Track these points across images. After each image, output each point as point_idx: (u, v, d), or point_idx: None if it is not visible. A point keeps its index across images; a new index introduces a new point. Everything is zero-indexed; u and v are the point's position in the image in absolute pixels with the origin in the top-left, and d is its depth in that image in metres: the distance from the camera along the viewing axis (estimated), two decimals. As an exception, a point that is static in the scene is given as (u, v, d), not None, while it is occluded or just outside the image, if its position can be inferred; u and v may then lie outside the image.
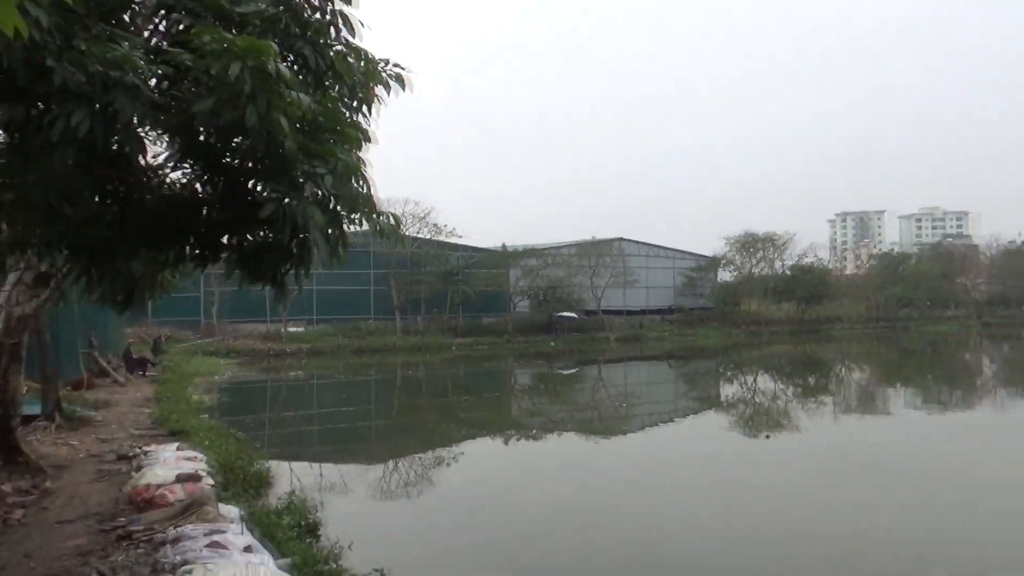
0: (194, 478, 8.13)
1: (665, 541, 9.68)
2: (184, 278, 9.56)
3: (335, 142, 4.95)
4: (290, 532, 7.57)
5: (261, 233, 5.14)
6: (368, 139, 5.36)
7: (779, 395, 27.31)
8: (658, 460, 15.55)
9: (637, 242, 65.43)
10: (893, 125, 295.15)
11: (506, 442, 18.71)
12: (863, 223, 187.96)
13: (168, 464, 8.87)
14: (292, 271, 5.15)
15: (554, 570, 8.83)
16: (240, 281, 5.40)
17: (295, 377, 34.66)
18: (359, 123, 5.43)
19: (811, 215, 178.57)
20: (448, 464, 15.70)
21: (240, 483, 9.52)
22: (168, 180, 5.36)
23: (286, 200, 4.61)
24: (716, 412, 23.54)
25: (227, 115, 4.32)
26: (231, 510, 7.38)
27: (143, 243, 5.32)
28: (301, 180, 4.70)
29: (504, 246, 57.05)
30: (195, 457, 9.50)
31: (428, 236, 51.62)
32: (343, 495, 12.11)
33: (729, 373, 37.79)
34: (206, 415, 17.41)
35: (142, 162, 5.01)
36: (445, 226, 52.09)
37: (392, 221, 5.44)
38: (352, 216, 5.23)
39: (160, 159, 5.27)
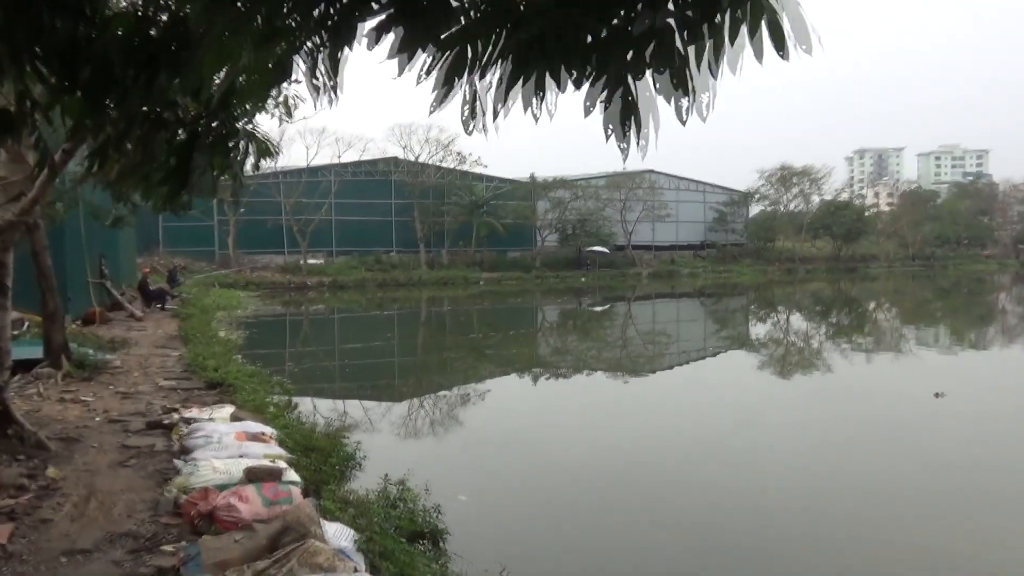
0: (273, 474, 5.29)
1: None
2: None
3: None
4: (428, 565, 4.59)
5: None
6: None
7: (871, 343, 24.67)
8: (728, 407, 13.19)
9: (667, 175, 61.96)
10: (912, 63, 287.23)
11: (571, 387, 16.20)
12: (881, 160, 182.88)
13: (226, 445, 5.99)
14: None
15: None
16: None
17: (319, 311, 32.08)
18: None
19: (824, 153, 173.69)
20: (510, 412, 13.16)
21: (334, 478, 6.44)
22: None
23: None
24: (778, 360, 20.91)
25: None
26: (340, 534, 4.51)
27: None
28: None
29: (532, 177, 53.77)
30: (261, 434, 6.51)
31: (452, 165, 48.73)
32: (417, 453, 9.50)
33: (774, 315, 35.17)
34: (239, 357, 14.80)
35: None
36: (470, 155, 48.93)
37: None
38: None
39: None
